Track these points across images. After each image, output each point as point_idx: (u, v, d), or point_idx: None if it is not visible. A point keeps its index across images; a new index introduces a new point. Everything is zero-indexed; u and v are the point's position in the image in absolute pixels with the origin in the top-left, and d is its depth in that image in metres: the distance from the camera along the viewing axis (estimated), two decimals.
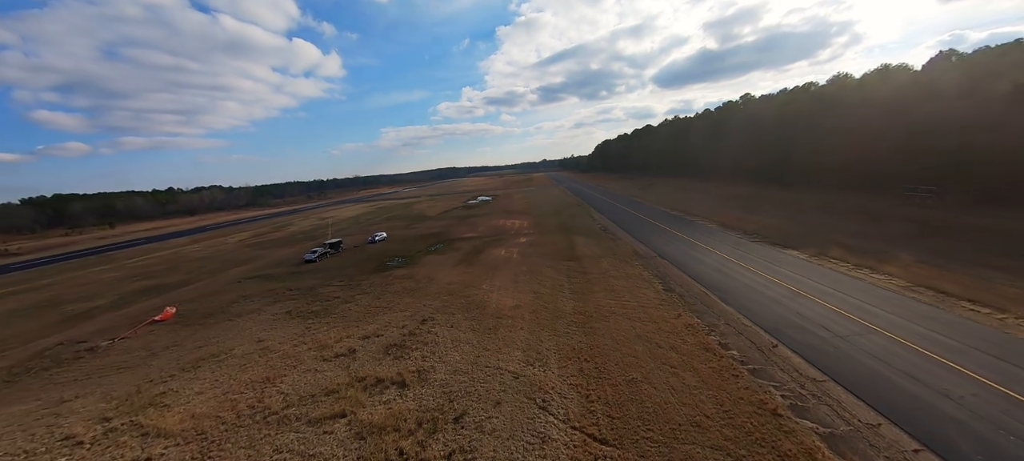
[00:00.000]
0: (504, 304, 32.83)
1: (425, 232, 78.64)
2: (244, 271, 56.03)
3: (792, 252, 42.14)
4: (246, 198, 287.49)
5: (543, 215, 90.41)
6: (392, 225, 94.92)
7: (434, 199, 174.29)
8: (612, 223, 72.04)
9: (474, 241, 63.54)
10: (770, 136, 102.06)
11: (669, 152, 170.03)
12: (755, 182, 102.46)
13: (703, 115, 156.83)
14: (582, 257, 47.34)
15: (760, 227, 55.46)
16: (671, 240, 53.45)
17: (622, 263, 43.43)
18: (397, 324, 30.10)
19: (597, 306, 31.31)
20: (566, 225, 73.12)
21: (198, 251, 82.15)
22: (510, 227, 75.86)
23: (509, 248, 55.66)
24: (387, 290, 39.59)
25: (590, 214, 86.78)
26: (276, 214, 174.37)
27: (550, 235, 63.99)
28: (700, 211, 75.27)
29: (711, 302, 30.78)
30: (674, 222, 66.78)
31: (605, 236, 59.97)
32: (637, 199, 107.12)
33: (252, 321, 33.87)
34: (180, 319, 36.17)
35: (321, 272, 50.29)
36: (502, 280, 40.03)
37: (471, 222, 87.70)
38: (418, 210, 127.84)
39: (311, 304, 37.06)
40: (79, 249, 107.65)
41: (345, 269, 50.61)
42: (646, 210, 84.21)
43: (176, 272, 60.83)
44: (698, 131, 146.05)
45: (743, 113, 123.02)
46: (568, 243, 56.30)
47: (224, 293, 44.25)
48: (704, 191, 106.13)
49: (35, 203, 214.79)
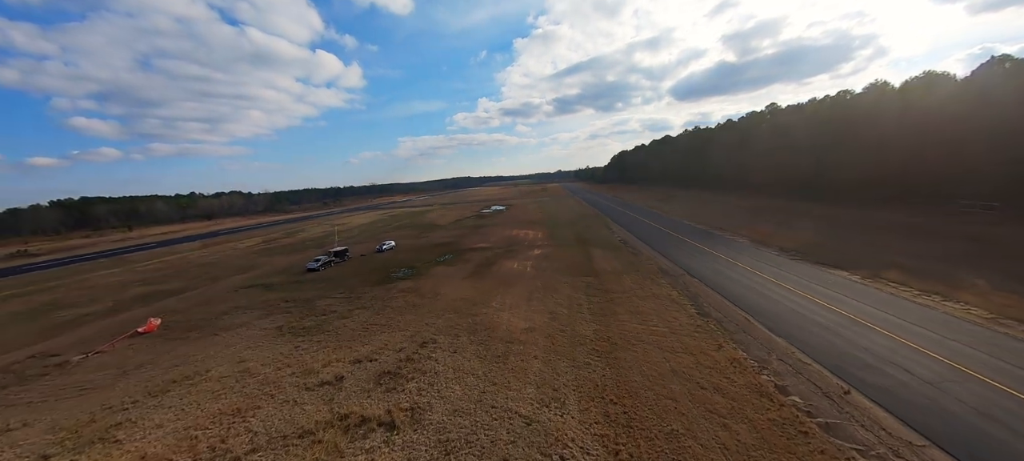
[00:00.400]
0: (516, 326, 29.14)
1: (435, 241, 75.63)
2: (245, 279, 53.67)
3: (840, 273, 37.41)
4: (264, 204, 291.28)
5: (558, 226, 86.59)
6: (402, 233, 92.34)
7: (447, 208, 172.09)
8: (632, 236, 67.78)
9: (486, 252, 60.12)
10: (800, 147, 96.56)
11: (689, 163, 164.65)
12: (784, 195, 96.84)
13: (726, 126, 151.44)
14: (601, 272, 43.37)
15: (798, 243, 50.62)
16: (699, 256, 49.04)
17: (647, 280, 39.33)
18: (394, 346, 26.68)
19: (622, 331, 27.36)
20: (583, 237, 69.17)
21: (205, 256, 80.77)
22: (524, 238, 72.28)
23: (522, 261, 52.03)
24: (388, 305, 36.32)
25: (608, 226, 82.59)
26: (290, 220, 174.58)
27: (566, 247, 60.14)
28: (727, 224, 70.44)
29: (755, 330, 26.53)
30: (700, 236, 62.20)
31: (625, 249, 55.84)
32: (657, 211, 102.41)
33: (239, 336, 30.93)
34: (164, 331, 33.51)
35: (322, 282, 47.46)
36: (514, 297, 36.37)
37: (483, 232, 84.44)
38: (430, 219, 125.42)
39: (305, 318, 33.99)
40: (95, 252, 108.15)
41: (347, 280, 47.68)
42: (668, 222, 79.64)
43: (178, 278, 58.93)
44: (721, 142, 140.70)
45: (770, 123, 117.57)
46: (585, 256, 52.38)
47: (218, 303, 41.67)
48: (728, 204, 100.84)
49: (62, 205, 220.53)
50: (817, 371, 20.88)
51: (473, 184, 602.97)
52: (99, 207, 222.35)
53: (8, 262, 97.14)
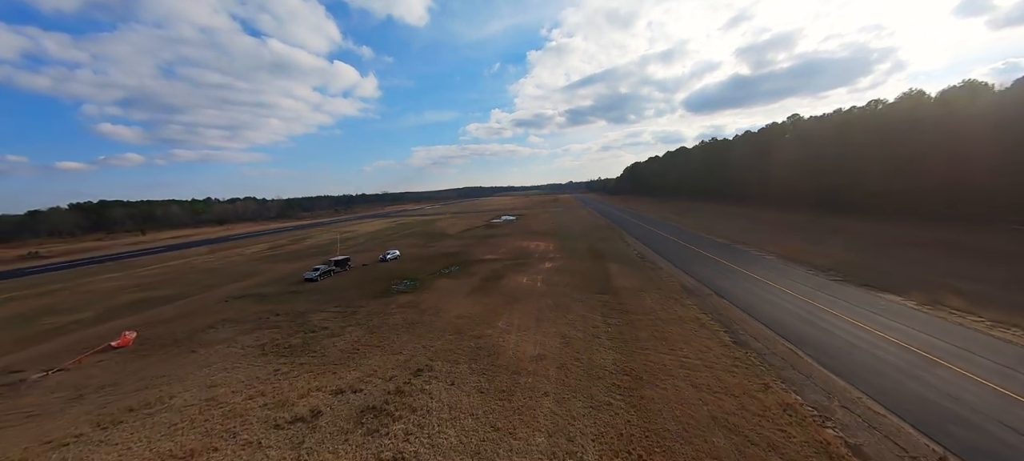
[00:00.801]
0: (524, 352, 25.60)
1: (442, 251, 72.60)
2: (241, 288, 51.14)
3: (891, 297, 33.06)
4: (276, 210, 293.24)
5: (571, 238, 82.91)
6: (409, 242, 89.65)
7: (457, 217, 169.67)
8: (649, 250, 63.78)
9: (493, 264, 56.77)
10: (826, 159, 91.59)
11: (706, 175, 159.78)
12: (809, 208, 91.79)
13: (745, 137, 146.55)
14: (619, 290, 39.61)
15: (832, 261, 46.20)
16: (725, 273, 44.92)
17: (670, 301, 35.46)
18: (384, 374, 23.36)
19: (646, 362, 23.63)
20: (597, 250, 65.41)
21: (208, 262, 79.00)
22: (534, 250, 68.79)
23: (532, 275, 48.52)
24: (384, 322, 33.11)
25: (623, 238, 78.65)
26: (300, 226, 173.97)
27: (579, 260, 56.46)
28: (750, 239, 66.03)
29: (805, 365, 22.54)
30: (724, 252, 57.94)
31: (644, 265, 51.94)
32: (674, 223, 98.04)
33: (217, 355, 27.97)
34: (139, 346, 30.76)
35: (319, 293, 44.58)
36: (523, 316, 32.85)
37: (492, 243, 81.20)
38: (439, 227, 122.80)
39: (292, 335, 30.95)
40: (104, 255, 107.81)
41: (345, 291, 44.71)
42: (686, 236, 75.38)
43: (175, 284, 56.77)
44: (739, 154, 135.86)
45: (793, 134, 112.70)
46: (601, 271, 48.65)
47: (205, 314, 38.97)
48: (749, 217, 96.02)
49: (81, 208, 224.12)
50: (895, 426, 16.89)
51: (485, 194, 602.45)
52: (116, 210, 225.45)
53: (18, 264, 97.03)
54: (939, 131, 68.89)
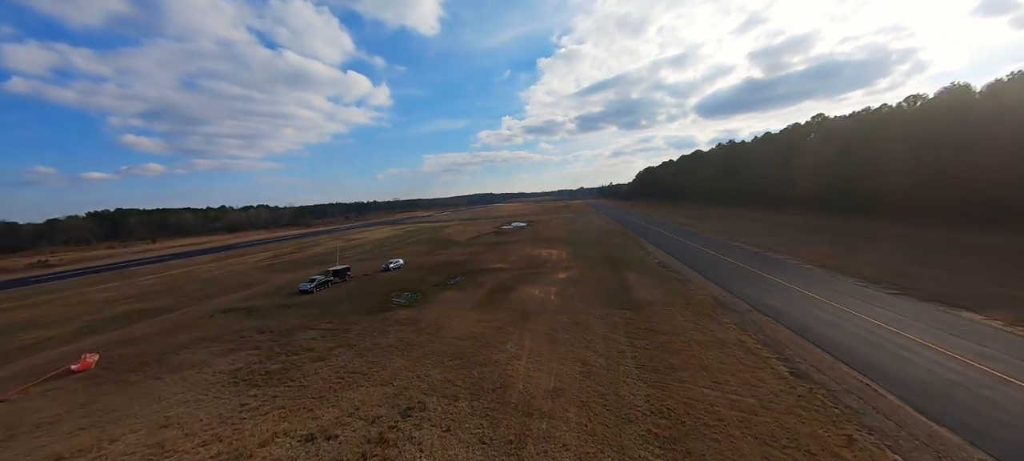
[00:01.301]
0: (537, 384, 21.40)
1: (448, 260, 68.78)
2: (233, 300, 47.90)
3: (969, 315, 28.02)
4: (289, 217, 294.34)
5: (585, 244, 78.44)
6: (415, 250, 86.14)
7: (466, 224, 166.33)
8: (671, 257, 59.02)
9: (503, 274, 52.66)
10: (858, 159, 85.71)
11: (722, 179, 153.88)
12: (839, 212, 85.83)
13: (765, 139, 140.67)
14: (643, 305, 35.14)
15: (882, 271, 41.08)
16: (760, 284, 40.10)
17: (704, 318, 30.91)
18: (368, 413, 19.37)
19: (687, 399, 19.24)
20: (614, 258, 60.86)
21: (209, 271, 76.47)
22: (547, 258, 64.53)
23: (545, 286, 44.28)
24: (378, 343, 29.20)
25: (641, 245, 73.91)
26: (310, 234, 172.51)
27: (595, 269, 52.02)
28: (778, 245, 60.84)
29: (891, 407, 17.87)
30: (752, 259, 52.95)
31: (667, 275, 47.31)
32: (692, 229, 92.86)
33: (183, 383, 24.34)
34: (101, 370, 27.31)
35: (312, 307, 40.98)
36: (535, 336, 28.65)
37: (502, 250, 77.16)
38: (447, 234, 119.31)
39: (272, 358, 27.22)
40: (109, 263, 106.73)
41: (340, 305, 41.02)
42: (708, 242, 70.34)
43: (168, 296, 53.87)
44: (759, 156, 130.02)
45: (819, 135, 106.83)
46: (620, 282, 44.19)
47: (187, 330, 35.57)
48: (771, 222, 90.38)
49: (98, 216, 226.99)
50: None
51: (495, 200, 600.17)
52: (131, 218, 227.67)
53: (24, 273, 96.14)
54: (985, 127, 63.01)
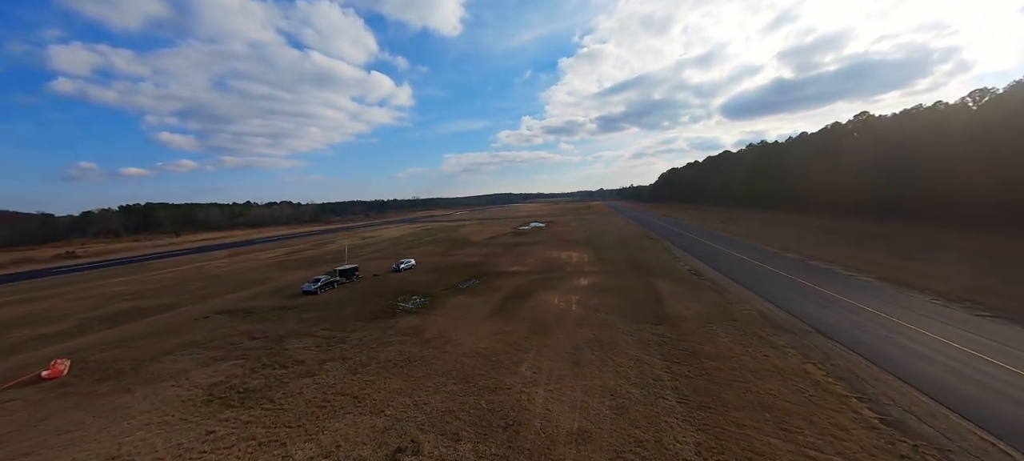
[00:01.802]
0: (558, 423, 17.42)
1: (463, 261, 65.32)
2: (235, 300, 45.56)
3: None
4: (310, 214, 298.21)
5: (607, 248, 73.80)
6: (429, 249, 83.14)
7: (484, 223, 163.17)
8: (703, 264, 53.93)
9: (519, 278, 48.75)
10: (912, 161, 78.15)
11: (753, 181, 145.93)
12: (890, 218, 78.48)
13: (802, 139, 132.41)
14: (678, 319, 30.66)
15: (957, 287, 35.39)
16: (817, 301, 34.95)
17: (754, 338, 26.28)
18: (348, 454, 15.78)
19: (751, 454, 14.94)
20: (639, 263, 56.17)
21: (221, 267, 75.26)
22: (566, 261, 60.30)
23: (565, 293, 40.15)
24: (375, 357, 25.74)
25: (668, 250, 68.82)
26: (328, 230, 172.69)
27: (620, 276, 47.56)
28: (823, 253, 54.96)
29: None
30: (799, 270, 47.49)
31: (701, 284, 42.50)
32: (723, 233, 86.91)
33: (153, 398, 21.40)
34: (70, 378, 24.70)
35: (313, 310, 38.00)
36: (554, 355, 24.66)
37: (519, 252, 73.26)
38: (463, 234, 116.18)
39: (256, 372, 24.06)
40: (130, 256, 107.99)
41: (342, 308, 37.91)
42: (744, 248, 64.73)
43: (172, 292, 52.14)
44: (796, 157, 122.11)
45: (866, 135, 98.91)
46: (649, 291, 39.68)
47: (177, 334, 33.00)
48: (811, 227, 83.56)
49: (130, 210, 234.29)
50: None
51: (515, 200, 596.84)
52: (160, 212, 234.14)
53: (47, 264, 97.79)
54: None
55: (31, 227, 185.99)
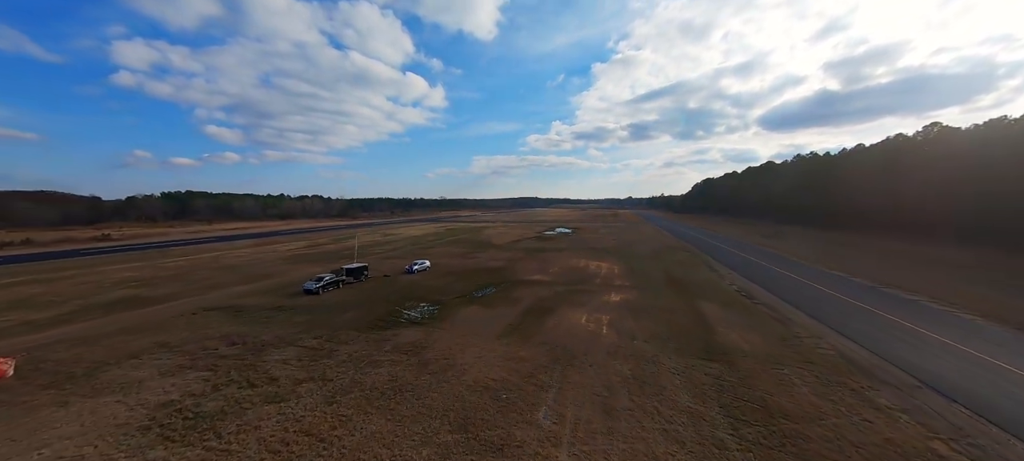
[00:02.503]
0: None
1: (482, 265, 60.59)
2: (232, 295, 42.46)
3: None
4: (339, 209, 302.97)
5: (640, 259, 67.39)
6: (448, 251, 79.00)
7: (509, 226, 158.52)
8: (755, 285, 47.02)
9: (542, 290, 43.46)
10: (998, 181, 67.86)
11: (799, 195, 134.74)
12: (972, 242, 68.32)
13: (858, 152, 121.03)
14: (735, 355, 24.65)
15: None
16: (907, 340, 27.98)
17: (839, 388, 20.06)
18: None
19: None
20: (678, 279, 49.75)
21: (237, 257, 73.61)
22: (595, 272, 54.51)
23: (594, 311, 34.56)
24: (362, 380, 21.16)
25: (709, 265, 61.84)
26: (351, 226, 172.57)
27: (658, 293, 41.50)
28: (903, 281, 46.85)
29: None
30: (875, 299, 40.05)
31: (756, 309, 35.96)
32: (770, 249, 78.60)
33: (88, 416, 17.52)
34: (15, 381, 21.26)
35: (308, 312, 34.04)
36: (581, 398, 19.32)
37: (543, 258, 67.90)
38: (486, 236, 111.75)
39: (218, 390, 19.91)
40: (155, 241, 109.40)
41: (341, 313, 33.76)
42: (797, 268, 56.99)
43: (175, 283, 49.82)
44: (854, 171, 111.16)
45: (943, 147, 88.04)
46: (694, 315, 33.58)
47: (153, 331, 29.63)
48: (875, 249, 74.17)
49: (171, 197, 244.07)
50: None
51: (541, 204, 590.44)
52: (198, 200, 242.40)
53: (83, 244, 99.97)
54: None
55: (79, 209, 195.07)
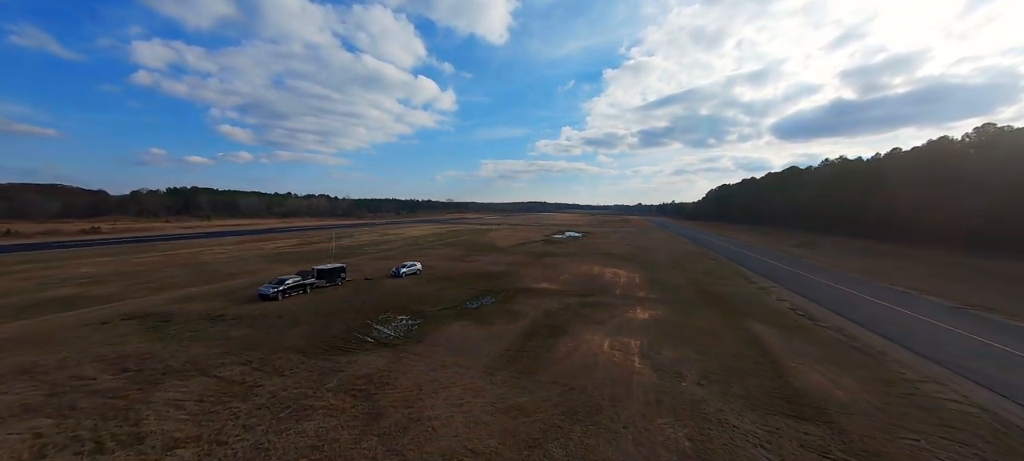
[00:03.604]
0: None
1: (481, 270, 52.95)
2: (180, 296, 35.36)
3: None
4: (343, 208, 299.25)
5: (662, 267, 59.22)
6: (445, 252, 71.58)
7: (515, 228, 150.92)
8: (806, 300, 38.68)
9: (550, 300, 35.66)
10: None
11: (829, 202, 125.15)
12: None
13: (895, 157, 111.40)
14: (831, 407, 16.64)
15: None
16: None
17: None
18: None
19: None
20: (713, 292, 41.62)
21: (214, 254, 66.96)
22: (612, 281, 46.57)
23: (617, 332, 26.62)
24: (271, 445, 13.62)
25: (743, 275, 53.53)
26: (351, 225, 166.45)
27: (692, 309, 33.45)
28: (997, 305, 38.14)
29: None
30: (973, 325, 31.56)
31: (823, 332, 27.73)
32: (805, 259, 69.85)
33: None
34: None
35: (250, 325, 26.65)
36: None
37: (551, 264, 60.07)
38: (489, 238, 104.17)
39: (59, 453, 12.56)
40: (140, 235, 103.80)
41: (291, 327, 26.32)
42: (852, 283, 48.37)
43: (125, 281, 42.99)
44: (897, 177, 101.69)
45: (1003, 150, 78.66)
46: (744, 338, 25.52)
47: (37, 348, 22.47)
48: (923, 261, 65.02)
49: (175, 192, 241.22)
50: None
51: (548, 209, 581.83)
52: (202, 197, 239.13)
53: (71, 236, 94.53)
54: None
55: (85, 202, 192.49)
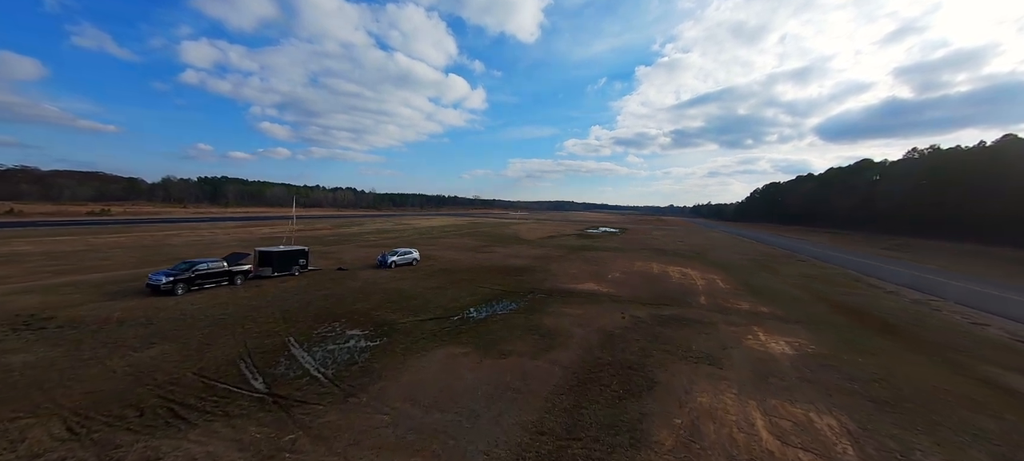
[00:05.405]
0: None
1: (498, 264, 39.90)
2: (85, 282, 24.24)
3: None
4: (368, 201, 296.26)
5: (744, 269, 44.37)
6: (457, 242, 59.06)
7: (541, 222, 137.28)
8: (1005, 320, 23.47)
9: (600, 310, 22.21)
10: None
11: (922, 200, 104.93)
12: None
13: (1012, 145, 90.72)
14: None
15: None
16: None
17: None
18: None
19: None
20: (848, 304, 26.90)
21: (194, 238, 57.20)
22: (684, 283, 32.43)
23: (762, 389, 12.97)
24: None
25: (867, 282, 38.07)
26: (368, 216, 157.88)
27: (849, 334, 19.19)
28: None
29: None
30: None
31: None
32: (932, 266, 52.92)
33: None
34: None
35: (65, 341, 14.77)
36: None
37: (591, 258, 46.33)
38: (512, 230, 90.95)
39: None
40: (144, 218, 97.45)
41: (144, 347, 14.24)
42: None
43: (53, 261, 32.76)
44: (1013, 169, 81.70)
45: None
46: (995, 396, 11.34)
47: None
48: None
49: (205, 181, 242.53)
50: None
51: (576, 209, 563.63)
52: (228, 186, 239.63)
53: (68, 217, 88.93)
54: None
55: (116, 188, 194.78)
